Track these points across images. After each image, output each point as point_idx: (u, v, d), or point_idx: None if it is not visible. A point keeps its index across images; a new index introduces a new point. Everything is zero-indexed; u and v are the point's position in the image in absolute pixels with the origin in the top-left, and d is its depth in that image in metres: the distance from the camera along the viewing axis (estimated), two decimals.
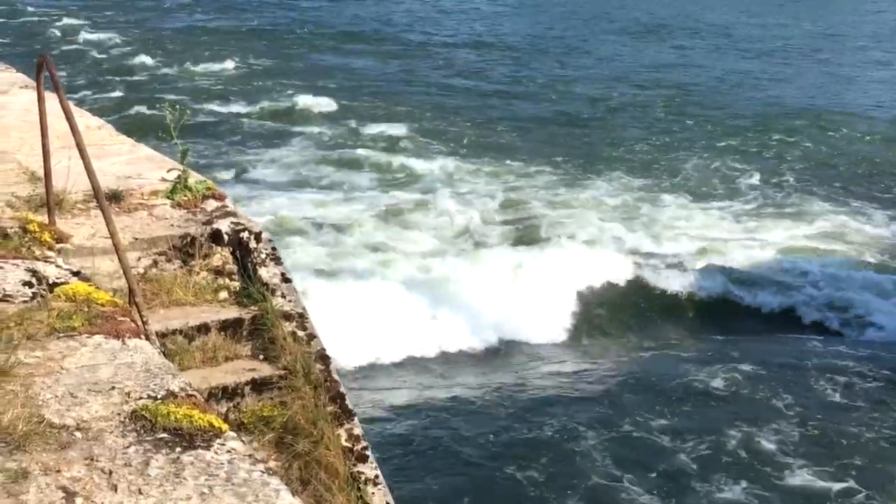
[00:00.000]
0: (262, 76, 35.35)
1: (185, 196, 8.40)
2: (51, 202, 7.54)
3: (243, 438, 5.26)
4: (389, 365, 17.04)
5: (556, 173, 27.24)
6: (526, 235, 22.73)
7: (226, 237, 7.83)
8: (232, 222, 7.96)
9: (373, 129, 29.95)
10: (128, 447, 4.46)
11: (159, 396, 4.94)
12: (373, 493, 6.64)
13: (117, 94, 31.23)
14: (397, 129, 29.89)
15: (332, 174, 26.26)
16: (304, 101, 31.91)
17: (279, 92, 33.09)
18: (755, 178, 27.57)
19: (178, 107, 9.57)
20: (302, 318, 7.41)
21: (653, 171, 27.91)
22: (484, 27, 48.83)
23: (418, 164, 27.16)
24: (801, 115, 33.73)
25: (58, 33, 40.54)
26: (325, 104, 31.88)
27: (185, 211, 8.22)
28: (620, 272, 20.92)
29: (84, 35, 40.16)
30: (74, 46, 38.28)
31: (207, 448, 4.51)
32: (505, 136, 30.59)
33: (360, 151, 27.93)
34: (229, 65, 36.53)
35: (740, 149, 30.23)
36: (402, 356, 17.25)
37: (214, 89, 33.04)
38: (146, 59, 36.23)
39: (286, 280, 7.68)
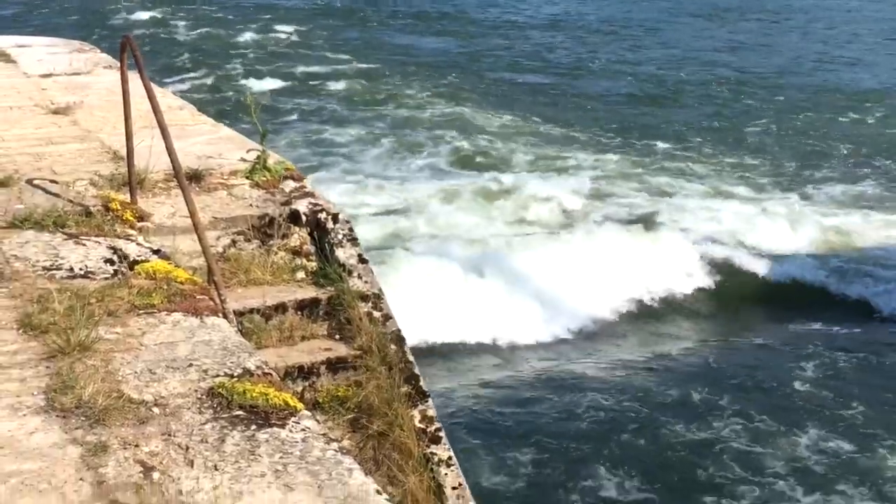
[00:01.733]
0: (331, 50, 35.40)
1: (264, 176, 8.46)
2: (132, 181, 7.64)
3: (318, 418, 5.30)
4: (458, 349, 17.06)
5: (628, 155, 27.04)
6: (596, 218, 22.61)
7: (304, 218, 7.88)
8: (310, 203, 8.01)
9: (441, 108, 29.95)
10: (204, 424, 4.52)
11: (236, 374, 4.99)
12: (445, 474, 6.65)
13: (199, 74, 31.60)
14: (466, 109, 29.85)
15: (398, 154, 26.33)
16: (378, 83, 31.98)
17: (352, 74, 33.15)
18: (836, 162, 27.17)
19: (255, 92, 9.64)
20: (378, 299, 7.44)
21: (726, 153, 27.60)
22: (554, 8, 48.49)
23: (489, 145, 27.11)
24: (877, 98, 33.09)
25: (141, 18, 41.02)
26: (396, 83, 31.93)
27: (264, 191, 8.28)
28: (693, 257, 20.72)
29: (169, 22, 40.60)
30: (154, 29, 38.72)
31: (282, 426, 4.54)
32: (575, 115, 30.45)
33: (427, 132, 27.96)
34: (290, 35, 36.78)
35: (820, 133, 29.76)
36: (471, 340, 17.25)
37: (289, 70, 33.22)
38: (230, 38, 36.56)
39: (363, 261, 7.71)
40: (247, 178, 8.50)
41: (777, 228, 22.63)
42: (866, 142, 29.28)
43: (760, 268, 20.63)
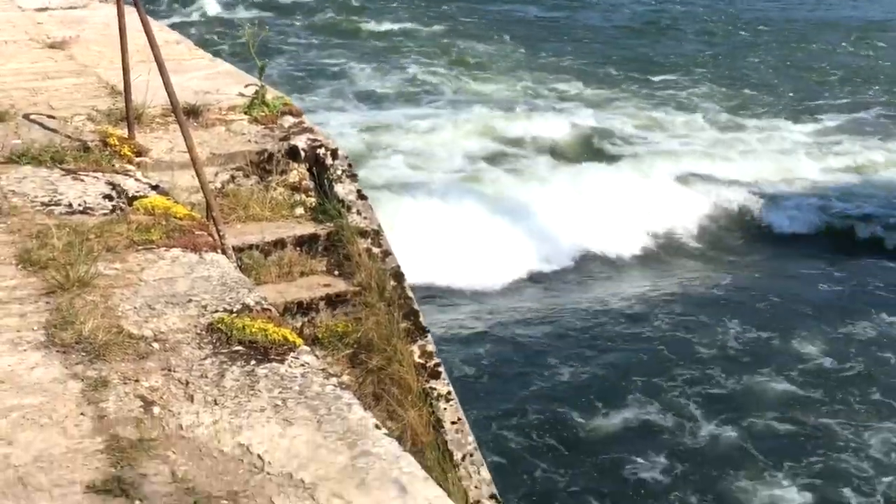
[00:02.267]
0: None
1: (263, 112, 8.42)
2: (130, 116, 7.60)
3: (317, 353, 5.32)
4: (465, 284, 17.08)
5: (624, 88, 26.94)
6: (609, 156, 22.58)
7: (302, 153, 7.86)
8: (309, 139, 7.98)
9: (432, 38, 29.80)
10: (204, 359, 4.53)
11: (235, 310, 5.00)
12: (444, 408, 6.69)
13: (195, 8, 31.36)
14: (460, 42, 29.66)
15: (416, 91, 26.22)
16: (404, 27, 31.68)
17: (380, 15, 32.79)
18: (837, 95, 27.05)
19: (256, 22, 9.57)
20: (377, 235, 7.44)
21: (724, 86, 27.49)
22: None
23: (502, 80, 27.02)
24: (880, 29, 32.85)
25: None
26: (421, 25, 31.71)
27: (263, 127, 8.25)
28: (703, 196, 20.71)
29: None
30: None
31: (281, 361, 4.56)
32: (571, 48, 30.28)
33: (415, 61, 27.84)
34: None
35: (820, 67, 29.62)
36: (477, 276, 17.28)
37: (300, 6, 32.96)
38: None
39: (362, 197, 7.70)
40: (245, 113, 8.47)
41: (774, 162, 22.62)
42: (868, 75, 29.16)
43: (757, 204, 20.64)
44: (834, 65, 30.12)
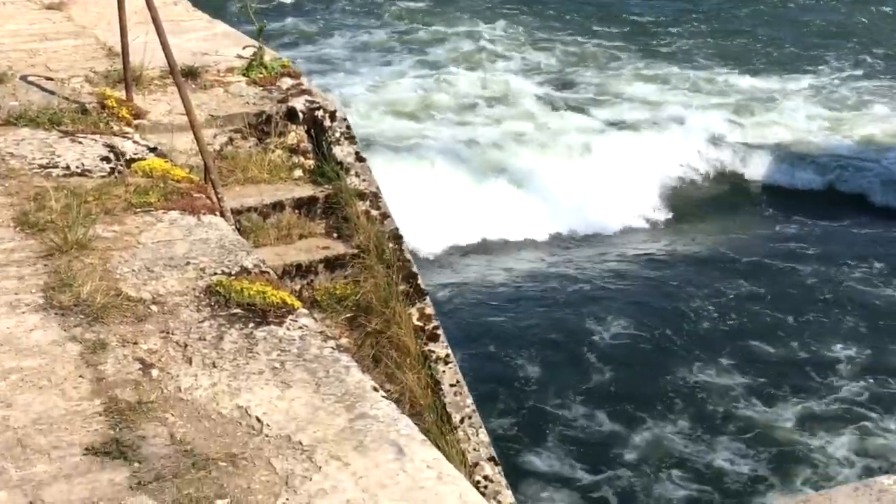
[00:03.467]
0: None
1: (261, 73, 8.39)
2: (128, 78, 7.57)
3: (315, 316, 5.32)
4: (460, 248, 17.09)
5: (633, 52, 26.83)
6: (603, 118, 22.50)
7: (301, 115, 7.84)
8: (307, 100, 7.95)
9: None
10: (202, 321, 4.54)
11: (233, 272, 5.00)
12: (443, 371, 6.71)
13: None
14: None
15: (403, 54, 26.12)
16: None
17: None
18: (840, 61, 26.93)
19: None
20: (376, 198, 7.43)
21: (731, 53, 27.36)
22: None
23: (496, 46, 26.90)
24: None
25: None
26: None
27: (261, 88, 8.22)
28: (697, 155, 20.68)
29: None
30: None
31: (280, 324, 4.57)
32: (565, 8, 30.13)
33: (439, 27, 27.72)
34: None
35: (811, 27, 29.51)
36: (471, 239, 17.29)
37: None
38: None
39: (360, 159, 7.69)
40: (243, 75, 8.43)
41: (768, 124, 22.58)
42: (858, 33, 29.03)
43: (756, 164, 20.62)
44: (826, 21, 30.00)
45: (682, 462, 11.61)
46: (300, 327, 4.55)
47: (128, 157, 6.35)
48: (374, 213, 7.28)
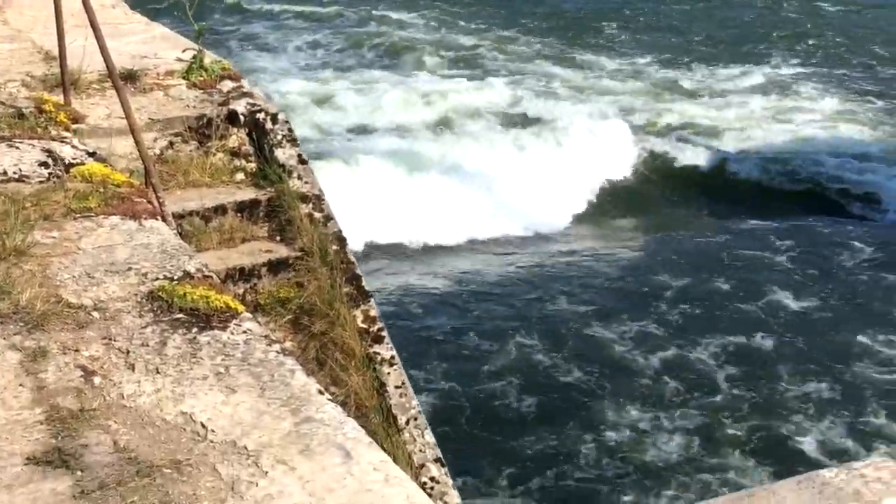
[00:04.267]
0: None
1: (201, 76, 8.34)
2: (66, 82, 7.48)
3: (259, 319, 5.30)
4: (397, 250, 17.09)
5: (563, 50, 26.99)
6: (532, 114, 22.63)
7: (242, 118, 7.79)
8: (248, 103, 7.91)
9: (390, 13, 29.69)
10: (145, 327, 4.50)
11: (176, 277, 4.96)
12: (388, 373, 6.70)
13: None
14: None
15: (342, 55, 26.10)
16: None
17: None
18: (772, 59, 27.29)
19: None
20: (319, 200, 7.40)
21: (664, 48, 27.62)
22: None
23: (418, 35, 26.95)
24: None
25: None
26: None
27: (201, 91, 8.16)
28: (633, 151, 20.84)
29: None
30: None
31: (224, 329, 4.53)
32: (506, 10, 30.27)
33: (373, 27, 27.69)
34: None
35: (757, 29, 29.86)
36: (411, 242, 17.29)
37: None
38: None
39: (303, 161, 7.65)
40: (183, 78, 8.37)
41: (702, 116, 22.82)
42: (791, 26, 29.42)
43: (700, 159, 20.83)
44: (758, 15, 30.37)
45: (627, 458, 11.69)
46: (244, 331, 4.53)
47: (66, 162, 6.27)
48: (317, 215, 7.26)
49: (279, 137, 7.73)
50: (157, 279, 4.92)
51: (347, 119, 21.70)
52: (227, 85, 8.27)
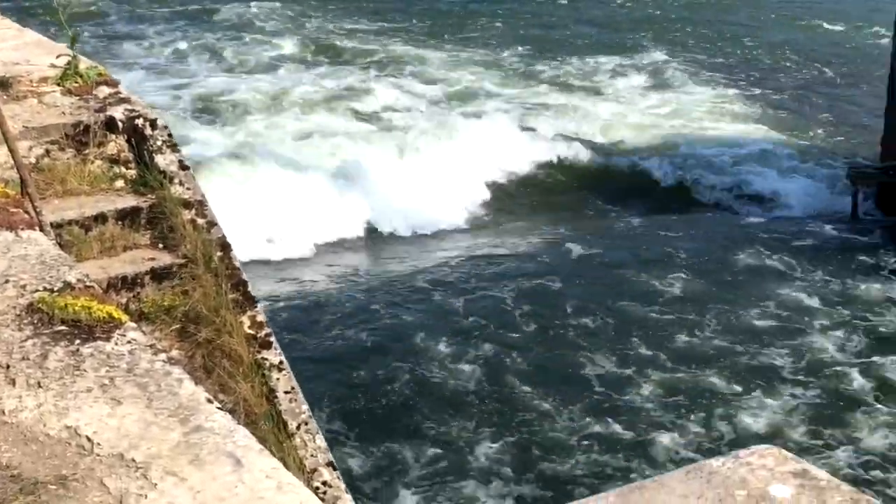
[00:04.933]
0: None
1: (76, 82, 8.16)
2: None
3: (144, 329, 5.21)
4: (294, 254, 17.00)
5: (438, 47, 27.13)
6: (431, 117, 22.69)
7: (120, 124, 7.65)
8: (126, 109, 7.77)
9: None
10: (25, 341, 4.39)
11: (56, 288, 4.85)
12: (277, 378, 6.64)
13: None
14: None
15: (236, 54, 25.86)
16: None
17: None
18: (652, 57, 27.74)
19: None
20: (201, 206, 7.31)
21: (549, 50, 27.91)
22: None
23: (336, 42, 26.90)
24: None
25: None
26: None
27: (77, 98, 7.99)
28: (527, 151, 21.02)
29: None
30: None
31: (107, 339, 4.45)
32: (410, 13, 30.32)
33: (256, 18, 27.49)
34: None
35: (636, 28, 30.35)
36: (296, 242, 17.21)
37: None
38: None
39: (184, 167, 7.55)
40: (58, 84, 8.19)
41: (589, 114, 23.14)
42: (672, 21, 29.98)
43: (590, 158, 21.10)
44: (640, 11, 30.90)
45: (524, 461, 11.81)
46: (129, 341, 4.44)
47: None
48: (200, 221, 7.16)
49: (159, 143, 7.61)
50: (37, 291, 4.81)
51: (227, 123, 21.48)
52: (104, 91, 8.12)
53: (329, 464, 6.41)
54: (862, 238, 17.97)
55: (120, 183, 7.45)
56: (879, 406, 12.74)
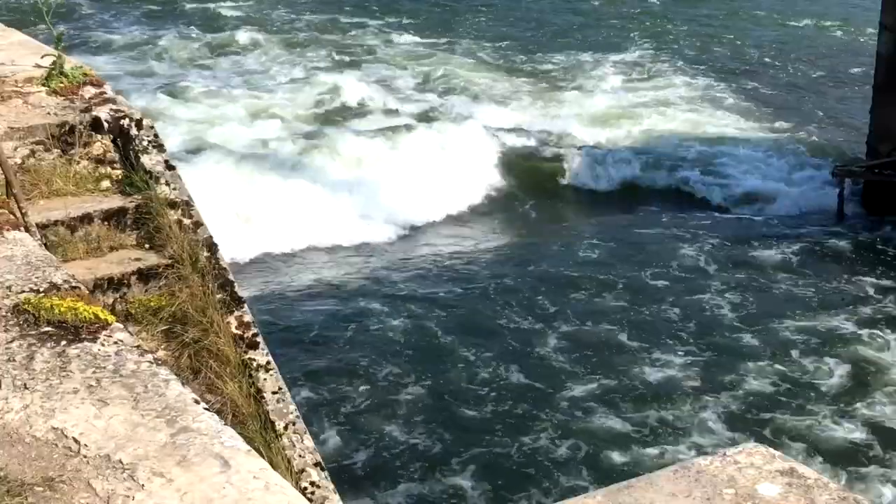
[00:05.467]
0: None
1: (62, 83, 8.13)
2: None
3: (131, 329, 5.20)
4: (268, 253, 17.00)
5: (416, 44, 27.14)
6: (389, 113, 22.69)
7: (106, 125, 7.62)
8: (111, 109, 7.74)
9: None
10: (11, 342, 4.37)
11: (42, 289, 4.84)
12: (265, 379, 6.62)
13: None
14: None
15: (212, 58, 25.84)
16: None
17: None
18: (636, 54, 27.80)
19: None
20: (188, 206, 7.28)
21: (533, 45, 27.94)
22: None
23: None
24: None
25: None
26: None
27: (63, 98, 7.96)
28: (493, 149, 20.98)
29: None
30: None
31: (94, 340, 4.43)
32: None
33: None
34: None
35: (612, 26, 30.41)
36: (278, 244, 17.20)
37: None
38: None
39: (170, 167, 7.52)
40: (43, 85, 8.15)
41: (562, 113, 23.15)
42: (643, 20, 30.03)
43: (568, 158, 21.09)
44: (613, 9, 30.94)
45: (506, 462, 11.83)
46: (115, 342, 4.43)
47: None
48: (186, 221, 7.14)
49: (145, 143, 7.59)
50: (23, 292, 4.79)
51: (193, 126, 21.44)
52: (90, 91, 8.09)
53: (317, 464, 6.40)
54: (847, 236, 18.04)
55: (106, 183, 7.43)
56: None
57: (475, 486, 11.30)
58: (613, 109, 23.44)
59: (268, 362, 6.73)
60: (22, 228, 5.65)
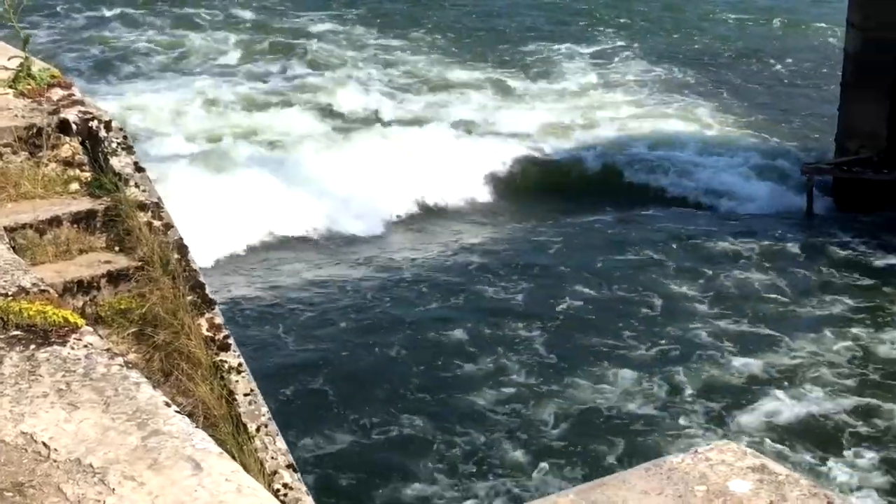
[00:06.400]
0: None
1: (29, 85, 8.08)
2: None
3: (101, 332, 5.17)
4: (241, 253, 16.95)
5: (382, 45, 27.13)
6: (351, 113, 22.68)
7: (74, 127, 7.58)
8: (80, 111, 7.70)
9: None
10: None
11: (10, 293, 4.80)
12: (236, 381, 6.60)
13: None
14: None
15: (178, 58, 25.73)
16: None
17: None
18: (608, 54, 27.86)
19: None
20: (158, 208, 7.25)
21: (503, 41, 27.98)
22: None
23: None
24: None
25: None
26: None
27: (30, 100, 7.91)
28: (454, 148, 21.00)
29: None
30: None
31: (63, 344, 4.41)
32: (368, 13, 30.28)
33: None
34: None
35: (592, 27, 30.45)
36: (248, 242, 17.15)
37: None
38: None
39: (139, 169, 7.49)
40: (10, 87, 8.10)
41: (525, 111, 23.18)
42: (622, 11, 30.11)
43: (547, 159, 21.13)
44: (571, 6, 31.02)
45: (491, 461, 11.85)
46: (85, 346, 4.41)
47: None
48: (156, 223, 7.11)
49: (114, 145, 7.55)
50: None
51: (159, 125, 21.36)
52: (58, 93, 8.04)
53: (290, 466, 6.38)
54: (815, 232, 18.17)
55: (75, 186, 7.39)
56: None
57: (454, 483, 11.33)
58: (579, 105, 23.50)
59: (239, 364, 6.70)
60: None
